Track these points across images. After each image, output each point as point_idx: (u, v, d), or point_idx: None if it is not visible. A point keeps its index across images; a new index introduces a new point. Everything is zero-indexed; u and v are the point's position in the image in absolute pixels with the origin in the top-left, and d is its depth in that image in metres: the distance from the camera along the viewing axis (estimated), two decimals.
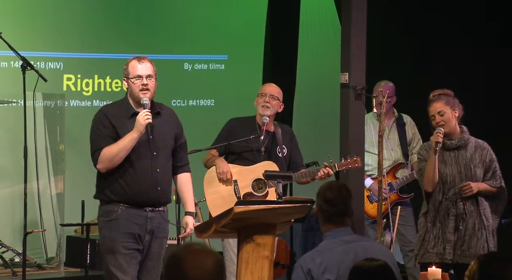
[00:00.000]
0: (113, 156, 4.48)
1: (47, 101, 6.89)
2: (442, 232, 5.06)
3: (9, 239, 6.48)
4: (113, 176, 4.53)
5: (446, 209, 5.07)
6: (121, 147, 4.49)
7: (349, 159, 5.40)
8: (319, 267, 3.51)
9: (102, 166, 4.51)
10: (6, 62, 6.85)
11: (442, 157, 5.11)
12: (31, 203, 6.17)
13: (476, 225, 5.05)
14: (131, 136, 4.50)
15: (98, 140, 4.54)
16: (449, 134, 5.11)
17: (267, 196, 5.23)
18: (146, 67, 4.58)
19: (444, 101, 5.10)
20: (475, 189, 5.04)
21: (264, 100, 5.36)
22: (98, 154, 4.51)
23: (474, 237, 5.04)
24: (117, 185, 4.53)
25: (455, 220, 5.04)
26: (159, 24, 7.47)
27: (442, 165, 5.11)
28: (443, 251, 5.04)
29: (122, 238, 4.49)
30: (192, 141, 5.47)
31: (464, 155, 5.10)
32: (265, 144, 5.32)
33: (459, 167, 5.09)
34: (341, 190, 3.66)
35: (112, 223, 4.52)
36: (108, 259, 4.53)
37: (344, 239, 3.60)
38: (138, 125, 4.49)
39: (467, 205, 5.06)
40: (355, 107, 6.33)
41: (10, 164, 6.62)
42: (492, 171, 5.12)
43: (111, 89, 7.21)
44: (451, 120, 5.09)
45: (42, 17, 7.06)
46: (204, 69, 7.60)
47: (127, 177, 4.52)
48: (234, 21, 7.69)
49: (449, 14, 7.50)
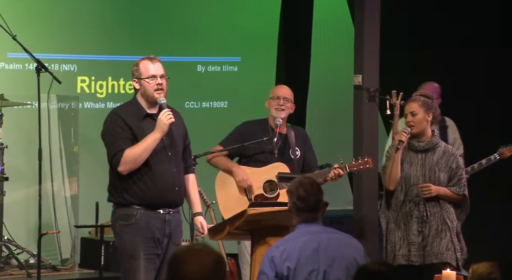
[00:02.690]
0: (136, 157, 4.43)
1: (61, 103, 6.92)
2: (406, 234, 5.10)
3: (24, 241, 6.51)
4: (130, 179, 4.48)
5: (409, 211, 5.11)
6: (144, 148, 4.44)
7: (360, 160, 5.37)
8: (281, 255, 3.64)
9: (125, 168, 4.45)
10: (21, 64, 6.88)
11: (409, 158, 5.16)
12: (45, 205, 6.19)
13: (439, 226, 5.08)
14: (154, 137, 4.45)
15: (117, 142, 4.47)
16: (419, 135, 5.15)
17: (278, 198, 5.22)
18: (159, 67, 4.57)
19: (420, 102, 5.15)
20: (434, 192, 5.07)
21: (278, 103, 5.34)
22: (120, 156, 4.44)
23: (437, 237, 5.07)
24: (135, 187, 4.48)
25: (417, 222, 5.07)
26: (173, 26, 7.49)
27: (407, 166, 5.14)
28: (409, 253, 5.08)
29: (142, 242, 4.46)
30: (205, 143, 5.48)
31: (431, 158, 5.14)
32: (278, 146, 5.31)
33: (424, 169, 5.13)
34: (313, 187, 3.74)
35: (131, 227, 4.47)
36: (127, 263, 4.49)
37: (310, 230, 3.71)
38: (162, 125, 4.45)
39: (429, 208, 5.09)
40: (369, 109, 6.33)
41: (25, 166, 6.65)
42: (458, 178, 5.15)
43: (125, 91, 7.23)
44: (421, 122, 5.12)
45: (56, 20, 7.09)
46: (218, 71, 7.61)
47: (146, 178, 4.48)
48: (247, 23, 7.70)
49: (459, 13, 7.49)
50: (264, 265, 3.67)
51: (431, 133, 5.18)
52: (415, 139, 5.15)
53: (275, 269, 3.63)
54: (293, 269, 3.63)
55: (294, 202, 3.74)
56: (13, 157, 6.53)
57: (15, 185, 6.58)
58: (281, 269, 3.63)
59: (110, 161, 4.52)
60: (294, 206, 3.75)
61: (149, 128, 4.52)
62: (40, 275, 5.58)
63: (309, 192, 3.73)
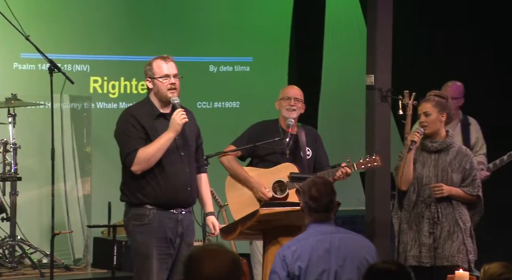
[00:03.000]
0: (150, 157, 4.43)
1: (74, 103, 6.94)
2: (418, 235, 5.05)
3: (37, 240, 6.53)
4: (143, 178, 4.48)
5: (421, 212, 5.07)
6: (158, 148, 4.43)
7: (368, 158, 5.34)
8: (293, 254, 3.66)
9: (138, 167, 4.45)
10: (34, 64, 6.91)
11: (422, 158, 5.12)
12: (58, 205, 6.21)
13: (451, 228, 5.04)
14: (167, 136, 4.45)
15: (130, 141, 4.47)
16: (433, 136, 5.11)
17: (287, 198, 5.22)
18: (173, 66, 4.56)
19: (434, 102, 5.11)
20: (446, 192, 5.03)
21: (289, 104, 5.33)
22: (133, 155, 4.44)
23: (449, 239, 5.02)
24: (148, 187, 4.48)
25: (429, 223, 5.03)
26: (185, 26, 7.50)
27: (420, 166, 5.11)
28: (419, 254, 5.04)
29: (155, 242, 4.46)
30: (217, 143, 5.48)
31: (444, 158, 5.10)
32: (289, 147, 5.30)
33: (437, 170, 5.09)
34: (326, 187, 3.75)
35: (144, 228, 4.47)
36: (140, 264, 4.50)
37: (322, 230, 3.71)
38: (175, 125, 4.45)
39: (441, 208, 5.04)
40: (381, 109, 6.31)
41: (38, 166, 6.68)
42: (471, 179, 5.10)
43: (137, 91, 7.25)
44: (435, 123, 5.09)
45: (69, 20, 7.11)
46: (230, 71, 7.62)
47: (159, 178, 4.48)
48: (259, 23, 7.70)
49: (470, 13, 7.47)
50: (275, 264, 3.68)
51: (445, 134, 5.14)
52: (428, 139, 5.12)
53: (287, 268, 3.64)
54: (304, 269, 3.64)
55: (307, 202, 3.75)
56: (26, 157, 6.56)
57: (28, 185, 6.60)
58: (293, 269, 3.64)
59: (123, 161, 4.51)
60: (307, 206, 3.75)
61: (162, 127, 4.52)
62: (53, 274, 5.60)
63: (322, 192, 3.73)
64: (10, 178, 6.29)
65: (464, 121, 6.31)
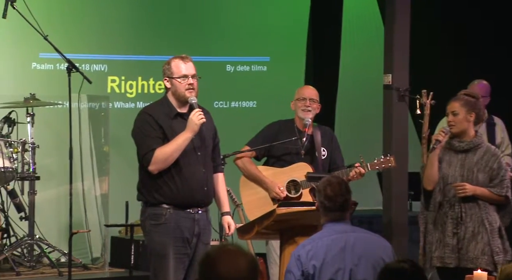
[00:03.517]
0: (167, 157, 4.43)
1: (92, 103, 6.97)
2: (442, 235, 4.98)
3: (55, 239, 6.57)
4: (161, 178, 4.48)
5: (446, 212, 4.99)
6: (175, 148, 4.44)
7: (383, 159, 5.30)
8: (307, 253, 3.66)
9: (156, 167, 4.45)
10: (52, 64, 6.95)
11: (449, 158, 5.04)
12: (76, 204, 6.24)
13: (476, 229, 4.94)
14: (185, 136, 4.45)
15: (148, 141, 4.47)
16: (460, 136, 5.03)
17: (301, 198, 5.21)
18: (191, 66, 4.56)
19: (463, 102, 5.01)
20: (469, 191, 4.93)
21: (305, 104, 5.31)
22: (151, 155, 4.44)
23: (473, 240, 4.93)
24: (165, 187, 4.49)
25: (453, 223, 4.96)
26: (202, 26, 7.51)
27: (446, 166, 5.03)
28: (444, 255, 4.97)
29: (172, 242, 4.46)
30: (233, 143, 5.48)
31: (471, 158, 5.01)
32: (305, 147, 5.29)
33: (463, 169, 5.00)
34: (341, 186, 3.75)
35: (161, 227, 4.48)
36: (156, 263, 4.50)
37: (337, 229, 3.71)
38: (193, 125, 4.45)
39: (466, 209, 4.96)
40: (399, 109, 6.29)
41: (56, 165, 6.71)
42: (499, 179, 4.99)
43: (155, 91, 7.27)
44: (462, 122, 4.99)
45: (87, 20, 7.14)
46: (247, 71, 7.62)
47: (176, 178, 4.49)
48: (276, 23, 7.70)
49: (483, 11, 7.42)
50: (291, 264, 3.69)
51: (473, 133, 5.03)
52: (456, 139, 5.03)
53: (301, 267, 3.65)
54: (319, 268, 3.64)
55: (322, 201, 3.75)
56: (44, 156, 6.59)
57: (47, 184, 6.64)
58: (307, 268, 3.64)
59: (140, 160, 4.52)
60: (322, 205, 3.76)
61: (179, 127, 4.52)
62: (71, 273, 5.63)
63: (337, 192, 3.73)
64: (28, 177, 6.33)
65: (489, 121, 6.20)
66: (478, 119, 5.06)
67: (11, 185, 6.34)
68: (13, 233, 6.39)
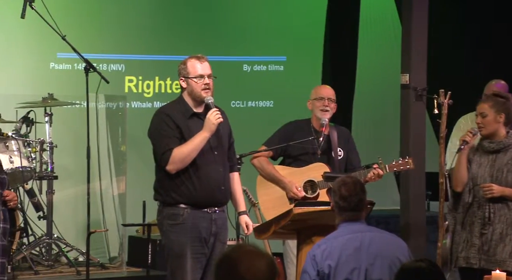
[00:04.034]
0: (184, 157, 4.43)
1: (109, 102, 7.00)
2: (469, 236, 4.93)
3: (73, 239, 6.60)
4: (178, 178, 4.48)
5: (474, 212, 4.94)
6: (193, 147, 4.44)
7: (401, 161, 5.28)
8: (322, 253, 3.66)
9: (173, 167, 4.45)
10: (70, 64, 6.98)
11: (479, 159, 4.99)
12: (94, 203, 6.26)
13: (504, 230, 4.87)
14: (202, 136, 4.46)
15: (165, 140, 4.47)
16: (491, 136, 4.97)
17: (318, 198, 5.20)
18: (207, 66, 4.56)
19: (491, 103, 4.95)
20: (497, 192, 4.86)
21: (323, 104, 5.28)
22: (168, 155, 4.44)
23: (501, 243, 4.86)
24: (183, 186, 4.48)
25: (480, 224, 4.90)
26: (219, 25, 7.52)
27: (476, 167, 4.98)
28: (469, 255, 4.92)
29: (190, 242, 4.46)
30: (250, 142, 5.48)
31: (502, 159, 4.95)
32: (321, 147, 5.28)
33: (493, 170, 4.94)
34: (356, 186, 3.74)
35: (178, 227, 4.48)
36: (174, 263, 4.50)
37: (352, 228, 3.71)
38: (210, 125, 4.45)
39: (494, 209, 4.89)
40: (416, 108, 6.27)
41: (74, 165, 6.74)
42: None
43: (171, 90, 7.28)
44: (491, 124, 4.93)
45: (105, 20, 7.17)
46: (263, 71, 7.62)
47: (193, 178, 4.49)
48: (293, 22, 7.69)
49: None
50: (306, 264, 3.69)
51: (504, 134, 4.96)
52: (486, 140, 4.98)
53: (317, 267, 3.65)
54: (334, 267, 3.64)
55: (337, 201, 3.75)
56: (62, 156, 6.62)
57: (64, 183, 6.67)
58: (322, 267, 3.64)
59: (158, 160, 4.52)
60: (337, 205, 3.76)
61: (196, 127, 4.53)
62: (89, 273, 5.65)
63: (352, 192, 3.73)
64: (46, 177, 6.36)
65: None
66: (508, 120, 4.98)
67: (29, 184, 6.38)
68: (32, 232, 6.43)
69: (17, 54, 6.87)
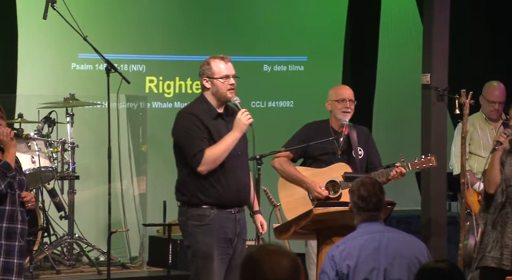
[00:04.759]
0: (217, 157, 4.42)
1: (130, 103, 7.02)
2: (501, 236, 4.90)
3: (94, 238, 6.63)
4: (205, 179, 4.46)
5: (507, 213, 4.90)
6: (225, 148, 4.43)
7: (423, 159, 5.25)
8: (341, 253, 3.67)
9: (205, 168, 4.43)
10: (91, 64, 7.02)
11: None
12: (114, 203, 6.28)
13: None
14: (234, 136, 4.45)
15: (196, 142, 4.44)
16: None
17: (340, 198, 5.18)
18: (231, 67, 4.55)
19: None
20: None
21: (345, 106, 5.25)
22: (200, 156, 4.41)
23: None
24: (210, 187, 4.47)
25: None
26: (239, 26, 7.52)
27: (509, 168, 4.94)
28: (501, 256, 4.88)
29: (216, 243, 4.45)
30: (270, 143, 5.47)
31: None
32: (341, 147, 5.26)
33: None
34: (374, 187, 3.74)
35: (205, 228, 4.46)
36: (200, 264, 4.48)
37: (371, 229, 3.71)
38: (241, 125, 4.45)
39: None
40: (437, 108, 6.24)
41: (95, 165, 6.77)
42: None
43: (192, 91, 7.30)
44: None
45: (125, 21, 7.20)
46: (284, 71, 7.61)
47: (221, 178, 4.47)
48: (313, 22, 7.68)
49: None
50: (325, 264, 3.70)
51: None
52: None
53: (335, 267, 3.65)
54: (353, 268, 3.64)
55: (355, 202, 3.75)
56: (83, 156, 6.66)
57: (86, 183, 6.70)
58: (341, 268, 3.64)
59: (189, 161, 4.46)
60: (355, 205, 3.76)
61: (222, 128, 4.52)
62: (110, 272, 5.67)
63: (370, 192, 3.73)
64: (68, 177, 6.40)
65: (506, 122, 6.14)
66: None
67: (51, 184, 6.42)
68: (53, 232, 6.47)
69: (39, 55, 6.92)
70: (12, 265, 4.41)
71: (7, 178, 4.41)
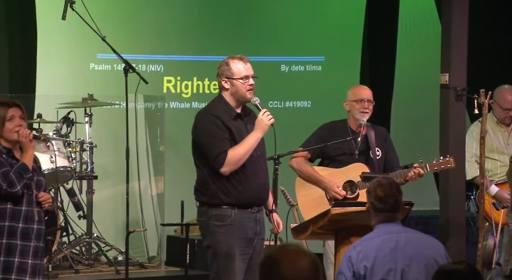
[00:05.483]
0: (240, 158, 4.42)
1: (148, 103, 7.05)
2: None
3: (113, 238, 6.65)
4: (226, 179, 4.46)
5: None
6: (248, 149, 4.43)
7: (442, 160, 5.23)
8: (358, 254, 3.67)
9: (228, 169, 4.43)
10: (109, 65, 7.05)
11: None
12: (133, 203, 6.31)
13: None
14: (256, 137, 4.45)
15: (218, 143, 4.44)
16: None
17: (358, 198, 5.17)
18: (250, 67, 4.55)
19: None
20: None
21: (363, 106, 5.24)
22: (223, 157, 4.42)
23: None
24: (232, 187, 4.47)
25: None
26: (257, 26, 7.52)
27: None
28: None
29: (239, 243, 4.46)
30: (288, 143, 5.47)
31: None
32: (358, 147, 5.25)
33: None
34: (391, 187, 3.73)
35: (227, 228, 4.47)
36: (221, 264, 4.48)
37: (388, 229, 3.70)
38: (263, 125, 4.45)
39: None
40: (456, 109, 6.21)
41: (113, 165, 6.80)
42: None
43: (209, 91, 7.31)
44: None
45: (143, 21, 7.23)
46: (301, 71, 7.61)
47: (241, 178, 4.48)
48: (331, 22, 7.66)
49: None
50: (342, 265, 3.70)
51: None
52: None
53: (352, 268, 3.65)
54: (370, 268, 3.63)
55: (372, 202, 3.75)
56: (101, 156, 6.69)
57: (104, 183, 6.73)
58: (358, 269, 3.63)
59: (211, 162, 4.45)
60: (372, 206, 3.75)
61: (242, 128, 4.53)
62: (128, 272, 5.69)
63: (388, 193, 3.72)
64: (86, 176, 6.43)
65: None
66: None
67: (69, 184, 6.45)
68: (72, 231, 6.50)
69: (57, 55, 6.95)
70: (27, 266, 4.43)
71: (23, 180, 4.43)
